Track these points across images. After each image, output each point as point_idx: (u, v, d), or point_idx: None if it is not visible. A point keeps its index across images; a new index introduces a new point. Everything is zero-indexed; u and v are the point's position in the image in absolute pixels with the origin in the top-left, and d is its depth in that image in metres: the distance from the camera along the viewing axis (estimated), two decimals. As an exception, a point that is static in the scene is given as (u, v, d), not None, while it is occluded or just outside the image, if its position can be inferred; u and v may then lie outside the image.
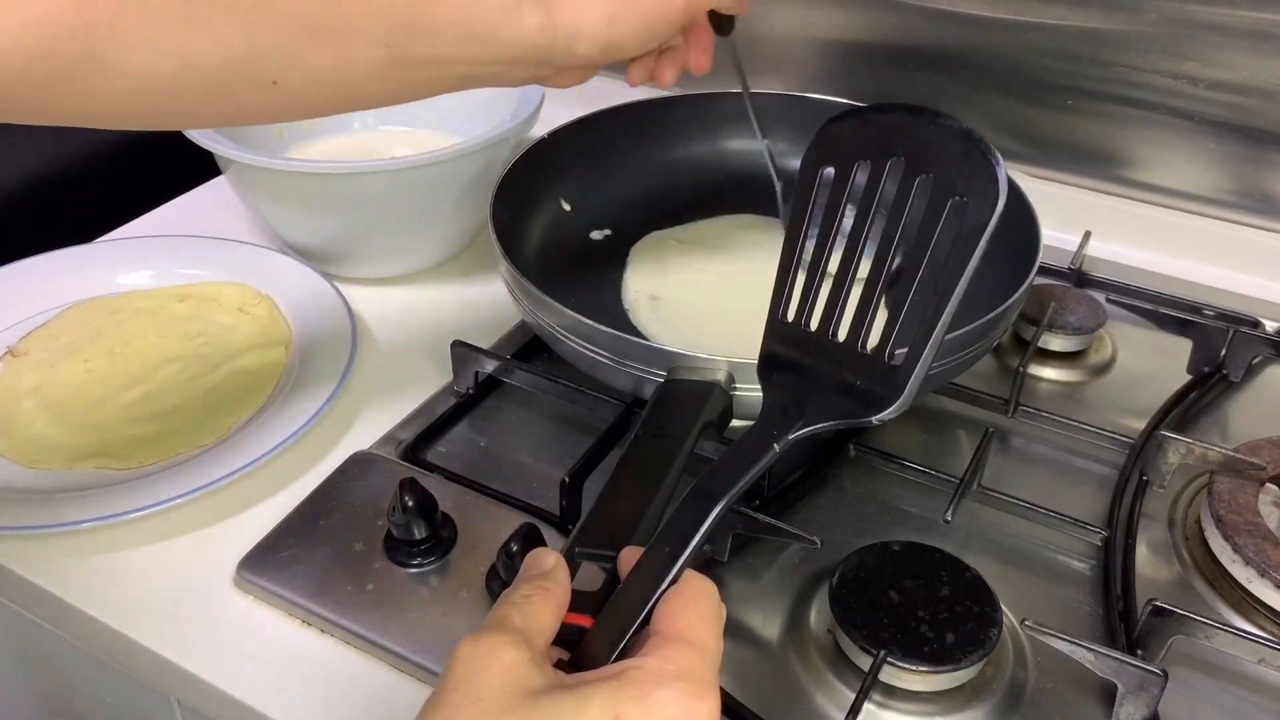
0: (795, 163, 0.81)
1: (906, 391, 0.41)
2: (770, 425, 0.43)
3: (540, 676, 0.34)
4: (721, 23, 0.63)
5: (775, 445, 0.42)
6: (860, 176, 0.44)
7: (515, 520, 0.56)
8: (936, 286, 0.40)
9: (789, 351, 0.45)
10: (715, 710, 0.34)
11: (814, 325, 0.45)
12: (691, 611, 0.37)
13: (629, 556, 0.40)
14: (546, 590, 0.38)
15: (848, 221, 0.44)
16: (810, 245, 0.45)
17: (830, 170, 0.45)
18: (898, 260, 0.42)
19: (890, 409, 0.42)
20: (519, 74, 0.53)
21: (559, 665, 0.37)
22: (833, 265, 0.45)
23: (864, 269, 0.44)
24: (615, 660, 0.37)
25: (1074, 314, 0.75)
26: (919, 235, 0.41)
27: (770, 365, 0.46)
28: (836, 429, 0.44)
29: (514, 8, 0.50)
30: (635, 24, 0.52)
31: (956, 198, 0.40)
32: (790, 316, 0.46)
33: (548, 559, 0.40)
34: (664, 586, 0.38)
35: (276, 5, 0.45)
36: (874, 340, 0.43)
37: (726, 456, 0.42)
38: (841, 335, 0.44)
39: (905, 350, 0.41)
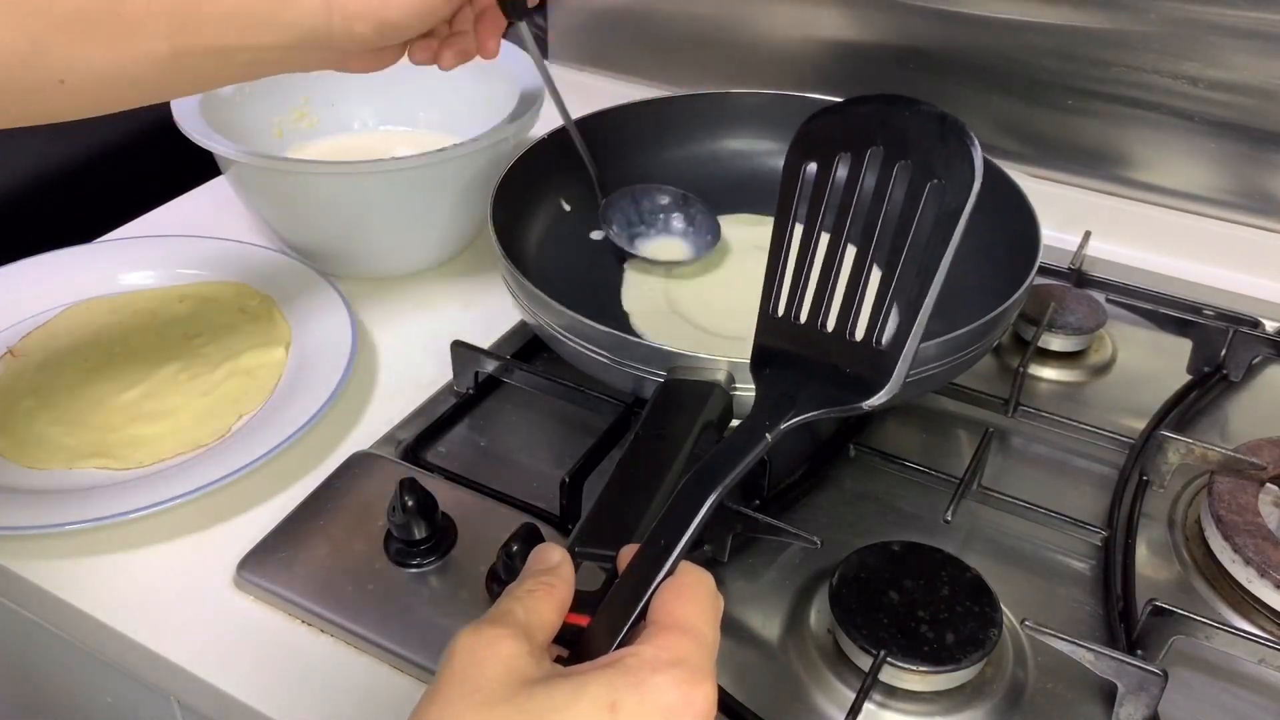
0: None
1: (895, 374, 0.42)
2: (763, 417, 0.43)
3: (538, 669, 0.34)
4: (510, 6, 0.61)
5: (768, 435, 0.43)
6: (842, 169, 0.44)
7: (515, 520, 0.56)
8: (919, 269, 0.41)
9: (780, 345, 0.46)
10: (711, 697, 0.34)
11: (803, 318, 0.45)
12: (687, 601, 0.37)
13: (628, 554, 0.40)
14: (550, 586, 0.38)
15: (832, 214, 0.45)
16: (796, 240, 0.46)
17: (813, 166, 0.45)
18: (881, 247, 0.43)
19: (880, 393, 0.42)
20: (304, 59, 0.54)
21: (558, 662, 0.37)
22: (819, 258, 0.45)
23: (850, 259, 0.44)
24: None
25: (1074, 314, 0.75)
26: (900, 221, 0.42)
27: (762, 360, 0.46)
28: (829, 416, 0.44)
29: None
30: (407, 1, 0.53)
31: (935, 181, 0.41)
32: (780, 311, 0.46)
33: (553, 554, 0.40)
34: (660, 578, 0.38)
35: (56, 6, 0.46)
36: (861, 327, 0.43)
37: (720, 448, 0.42)
38: (830, 325, 0.44)
39: (892, 334, 0.42)
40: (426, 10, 0.54)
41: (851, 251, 0.44)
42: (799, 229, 0.46)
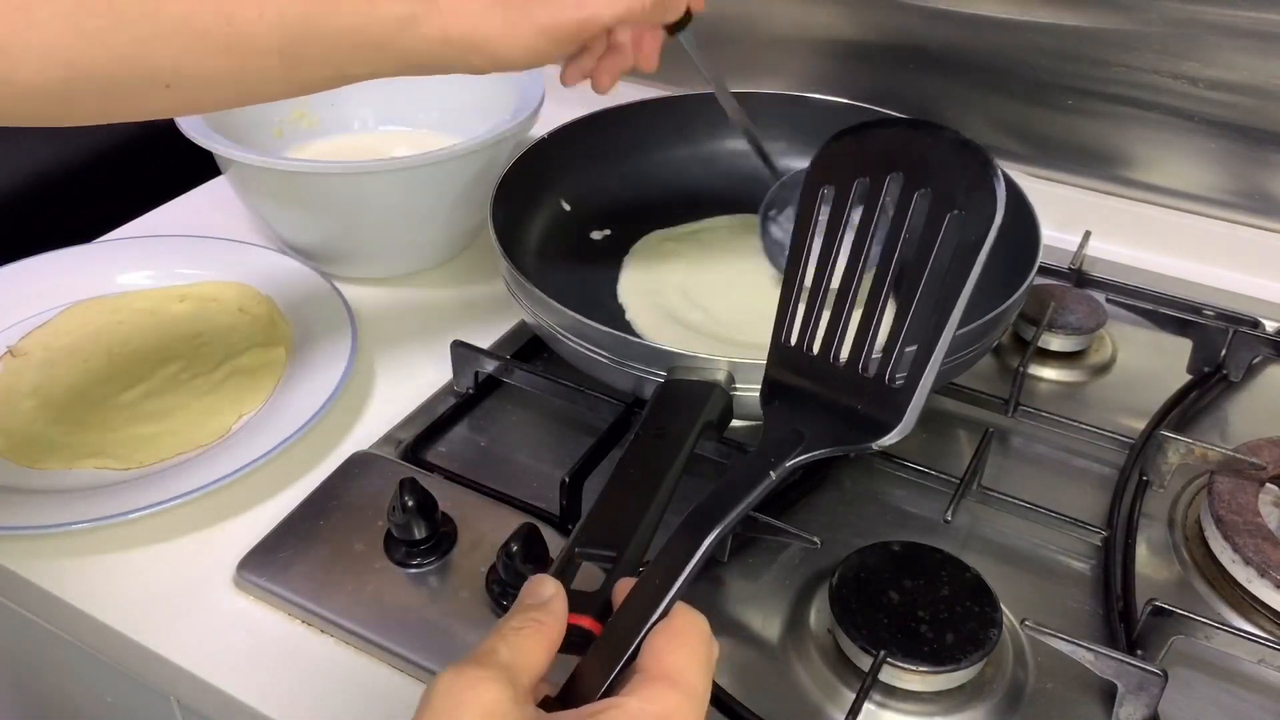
0: (794, 162, 0.82)
1: (907, 416, 0.40)
2: (769, 452, 0.42)
3: (519, 715, 0.33)
4: (675, 21, 0.60)
5: (772, 473, 0.41)
6: (860, 195, 0.43)
7: (515, 520, 0.56)
8: (935, 305, 0.39)
9: (791, 376, 0.44)
10: None
11: (816, 349, 0.44)
12: (678, 648, 0.35)
13: (624, 588, 0.39)
14: (539, 624, 0.37)
15: (850, 242, 0.43)
16: (811, 267, 0.44)
17: (830, 190, 0.44)
18: (898, 279, 0.41)
19: (891, 434, 0.41)
20: (421, 74, 0.53)
21: (547, 701, 0.36)
22: (834, 287, 0.44)
23: (866, 290, 0.43)
24: (603, 696, 0.35)
25: (1074, 314, 0.75)
26: (918, 252, 0.40)
27: (773, 391, 0.45)
28: (837, 455, 0.43)
29: (409, 20, 0.49)
30: (528, 39, 0.52)
31: (955, 212, 0.39)
32: (792, 340, 0.45)
33: (546, 588, 0.38)
34: (654, 620, 0.36)
35: (165, 11, 0.45)
36: (875, 363, 0.42)
37: (722, 484, 0.41)
38: (843, 359, 0.43)
39: (906, 372, 0.40)
40: (548, 48, 0.53)
41: (868, 282, 0.43)
42: (814, 256, 0.44)
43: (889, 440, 0.41)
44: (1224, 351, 0.72)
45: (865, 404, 0.42)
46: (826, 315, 0.44)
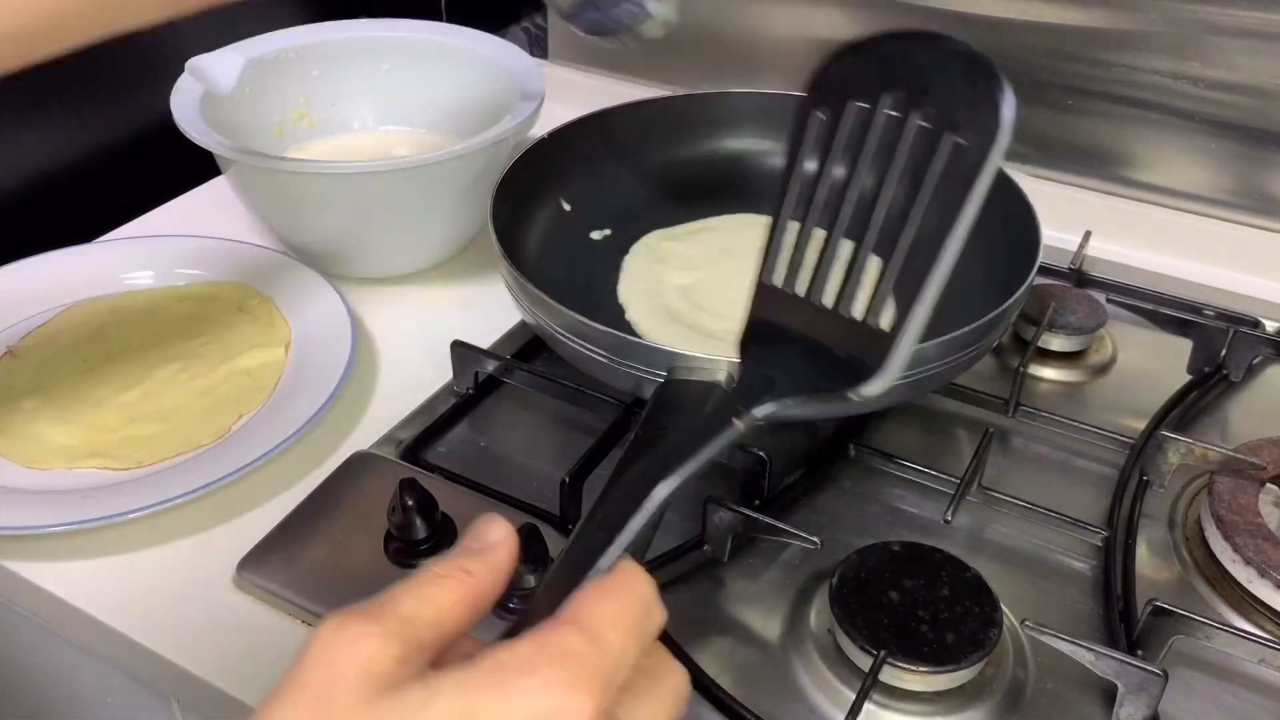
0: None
1: (889, 361, 0.35)
2: (734, 400, 0.38)
3: (402, 677, 0.28)
4: None
5: (736, 420, 0.37)
6: (858, 118, 0.38)
7: (515, 520, 0.55)
8: (928, 238, 0.35)
9: (774, 319, 0.40)
10: (591, 711, 0.28)
11: (800, 289, 0.39)
12: (604, 600, 0.30)
13: None
14: (466, 575, 0.32)
15: (845, 170, 0.38)
16: (800, 199, 0.40)
17: (826, 114, 0.39)
18: (893, 210, 0.37)
19: (870, 381, 0.36)
20: None
21: None
22: (823, 220, 0.39)
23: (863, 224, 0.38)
24: None
25: (1074, 314, 0.75)
26: (913, 178, 0.36)
27: (753, 336, 0.41)
28: (812, 406, 0.38)
29: None
30: None
31: (953, 131, 0.35)
32: (778, 279, 0.40)
33: (493, 531, 0.33)
34: (590, 574, 0.32)
35: None
36: (862, 304, 0.37)
37: (681, 432, 0.37)
38: (830, 300, 0.38)
39: (893, 314, 0.36)
40: None
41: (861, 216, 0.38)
42: (803, 186, 0.39)
43: (870, 390, 0.36)
44: (1224, 351, 0.72)
45: (848, 349, 0.37)
46: (815, 252, 0.39)
